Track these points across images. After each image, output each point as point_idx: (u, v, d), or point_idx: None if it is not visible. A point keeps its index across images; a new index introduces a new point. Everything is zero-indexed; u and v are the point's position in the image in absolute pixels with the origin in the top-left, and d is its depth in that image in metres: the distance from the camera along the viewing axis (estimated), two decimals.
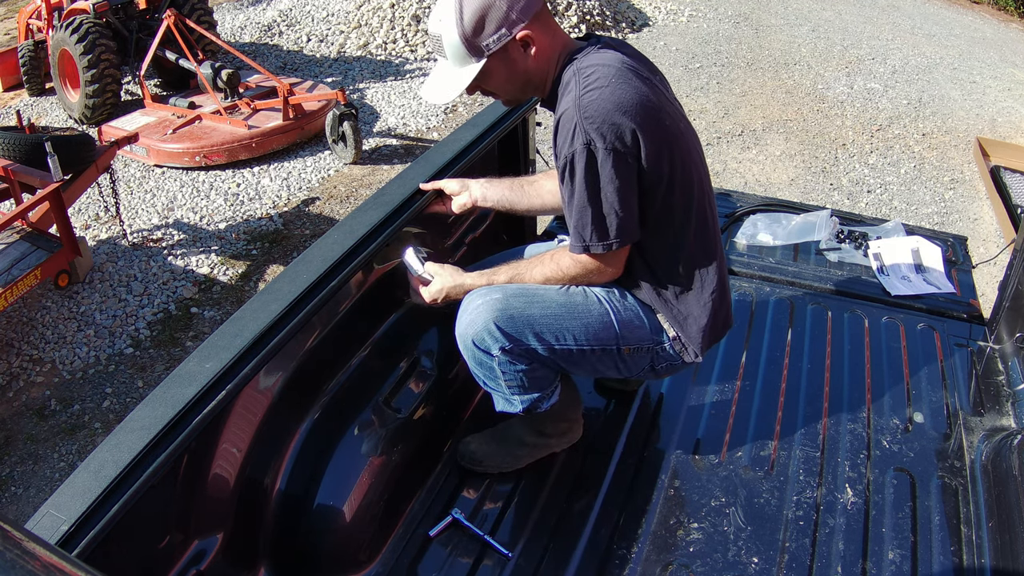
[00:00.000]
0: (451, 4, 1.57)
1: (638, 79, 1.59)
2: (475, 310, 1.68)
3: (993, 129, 6.03)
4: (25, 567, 0.68)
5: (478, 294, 1.71)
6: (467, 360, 1.74)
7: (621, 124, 1.53)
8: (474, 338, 1.68)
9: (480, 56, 1.59)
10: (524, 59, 1.62)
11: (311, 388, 1.82)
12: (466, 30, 1.56)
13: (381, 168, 5.28)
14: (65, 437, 3.22)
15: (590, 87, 1.55)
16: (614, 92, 1.54)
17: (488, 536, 1.78)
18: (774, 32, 7.90)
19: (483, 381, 1.77)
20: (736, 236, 2.87)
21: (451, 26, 1.57)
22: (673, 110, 1.66)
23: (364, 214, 1.94)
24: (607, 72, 1.57)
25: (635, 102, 1.54)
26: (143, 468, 1.30)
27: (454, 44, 1.59)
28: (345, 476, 1.79)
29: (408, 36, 7.07)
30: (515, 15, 1.56)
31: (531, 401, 1.76)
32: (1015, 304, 2.33)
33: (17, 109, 5.60)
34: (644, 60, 1.72)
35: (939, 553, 1.76)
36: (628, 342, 1.74)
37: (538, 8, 1.60)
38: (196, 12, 6.11)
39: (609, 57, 1.60)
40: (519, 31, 1.58)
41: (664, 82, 1.73)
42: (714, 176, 5.16)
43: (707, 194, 1.75)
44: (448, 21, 1.57)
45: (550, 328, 1.68)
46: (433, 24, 1.62)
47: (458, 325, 1.72)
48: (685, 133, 1.68)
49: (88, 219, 4.69)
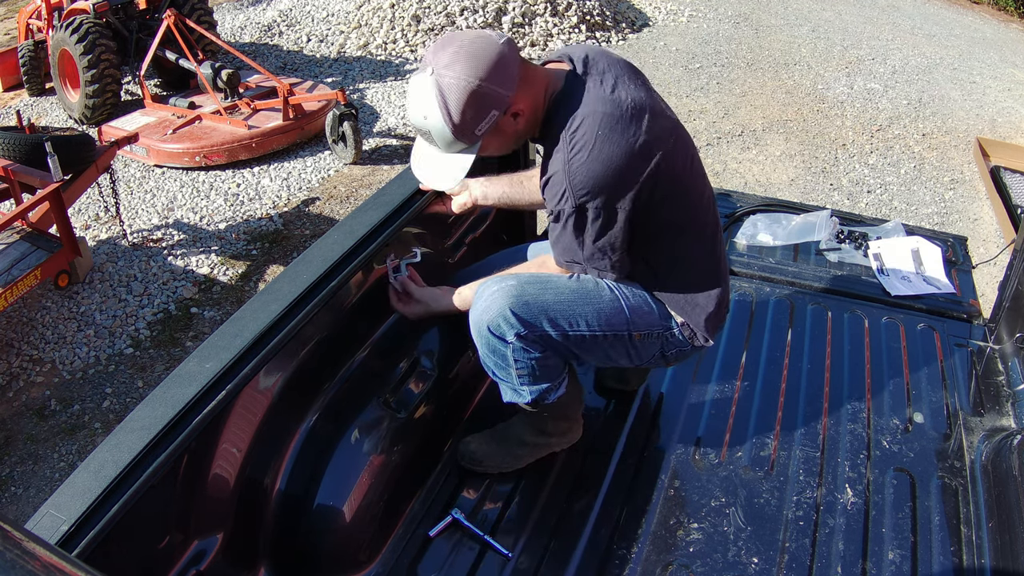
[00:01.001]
0: (432, 99, 1.52)
1: (622, 120, 1.56)
2: (490, 297, 1.69)
3: (993, 129, 6.03)
4: (25, 567, 0.68)
5: (492, 282, 1.72)
6: (479, 348, 1.75)
7: (610, 186, 1.56)
8: (489, 324, 1.68)
9: (474, 140, 1.58)
10: (515, 124, 1.60)
11: (311, 388, 1.82)
12: (456, 122, 1.53)
13: (381, 168, 5.28)
14: (65, 437, 3.22)
15: (576, 148, 1.55)
16: (601, 152, 1.54)
17: (488, 536, 1.78)
18: (774, 32, 7.90)
19: (492, 370, 1.77)
20: (736, 236, 2.87)
21: (438, 121, 1.53)
22: (659, 126, 1.61)
23: (364, 214, 1.94)
24: (592, 125, 1.55)
25: (622, 157, 1.55)
26: (143, 468, 1.30)
27: (445, 137, 1.56)
28: (345, 476, 1.79)
29: (408, 36, 7.07)
30: (502, 93, 1.53)
31: (540, 392, 1.76)
32: (1015, 304, 2.33)
33: (17, 109, 5.60)
34: (622, 69, 1.67)
35: (939, 553, 1.76)
36: (638, 328, 1.76)
37: (518, 72, 1.55)
38: (196, 12, 6.11)
39: (592, 97, 1.57)
40: (509, 106, 1.56)
41: (647, 88, 1.68)
42: (714, 176, 5.17)
43: (703, 196, 1.75)
44: (434, 117, 1.53)
45: (563, 314, 1.69)
46: (416, 118, 1.57)
47: (472, 312, 1.73)
48: (675, 149, 1.64)
49: (88, 219, 4.69)
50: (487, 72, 1.50)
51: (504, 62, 1.52)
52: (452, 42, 1.54)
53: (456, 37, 1.55)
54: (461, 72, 1.50)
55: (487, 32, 1.56)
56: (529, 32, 7.21)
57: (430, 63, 1.53)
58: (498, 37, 1.55)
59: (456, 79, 1.50)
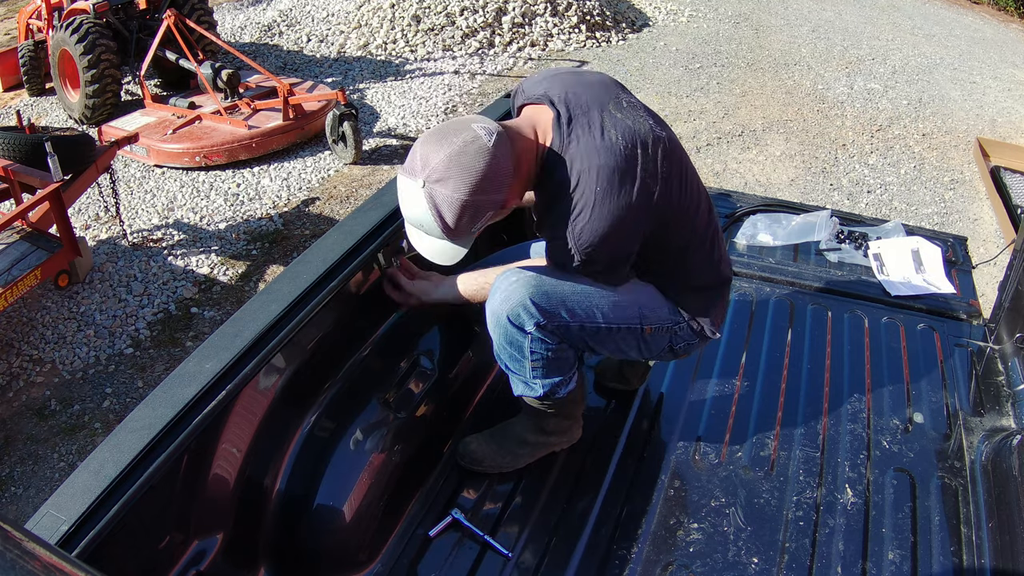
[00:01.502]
0: (426, 208, 1.51)
1: (618, 170, 1.55)
2: (510, 287, 1.69)
3: (993, 129, 6.03)
4: (25, 567, 0.68)
5: (511, 272, 1.73)
6: (495, 338, 1.75)
7: (615, 238, 1.59)
8: (509, 314, 1.68)
9: (470, 236, 1.60)
10: (510, 207, 1.62)
11: (311, 388, 1.82)
12: (451, 228, 1.54)
13: (381, 168, 5.28)
14: (65, 437, 3.22)
15: (578, 209, 1.55)
16: (603, 209, 1.54)
17: (488, 536, 1.78)
18: (774, 32, 7.90)
19: (506, 363, 1.78)
20: (736, 236, 2.87)
21: (433, 226, 1.54)
22: (653, 155, 1.59)
23: (364, 214, 1.94)
24: (590, 183, 1.54)
25: (624, 209, 1.55)
26: (143, 468, 1.30)
27: (440, 235, 1.57)
28: (345, 476, 1.79)
29: (408, 36, 7.07)
30: (496, 199, 1.54)
31: (552, 385, 1.77)
32: (1015, 304, 2.33)
33: (17, 109, 5.59)
34: (602, 92, 1.65)
35: (939, 553, 1.76)
36: (649, 321, 1.78)
37: (511, 167, 1.54)
38: (196, 12, 6.11)
39: (585, 150, 1.56)
40: (504, 204, 1.58)
41: (630, 102, 1.67)
42: (714, 176, 5.17)
43: (700, 208, 1.75)
44: (429, 223, 1.54)
45: (580, 304, 1.70)
46: (409, 216, 1.57)
47: (490, 302, 1.73)
48: (671, 172, 1.63)
49: (88, 219, 4.69)
50: (479, 186, 1.49)
51: (496, 169, 1.51)
52: (441, 145, 1.50)
53: (446, 140, 1.50)
54: (453, 189, 1.49)
55: (476, 133, 1.51)
56: (529, 32, 7.21)
57: (420, 171, 1.50)
58: (488, 137, 1.50)
59: (448, 196, 1.49)
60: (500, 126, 1.56)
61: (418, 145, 1.54)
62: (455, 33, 7.05)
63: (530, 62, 6.93)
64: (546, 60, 6.97)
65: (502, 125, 1.59)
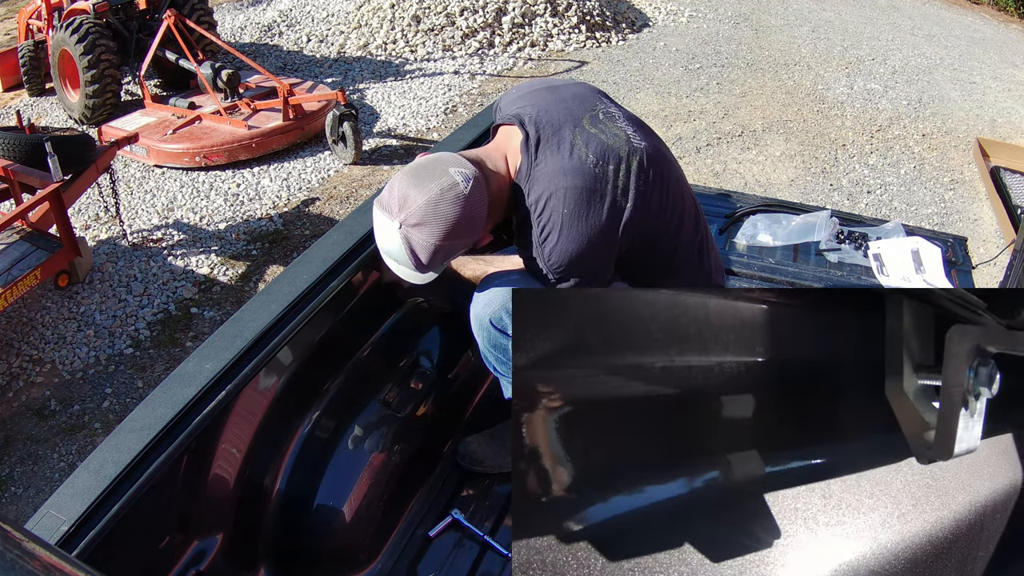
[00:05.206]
0: (401, 247, 1.53)
1: (585, 190, 1.54)
2: (492, 291, 1.69)
3: (993, 129, 6.04)
4: (25, 567, 0.68)
5: (493, 276, 1.73)
6: (480, 342, 1.75)
7: (586, 257, 1.58)
8: (491, 317, 1.68)
9: (443, 267, 1.64)
10: (484, 243, 1.66)
11: (311, 388, 1.82)
12: (424, 265, 1.56)
13: (381, 168, 5.29)
14: (65, 437, 3.22)
15: (545, 233, 1.56)
16: (570, 231, 1.54)
17: (488, 536, 1.78)
18: (774, 33, 7.90)
19: (494, 366, 1.77)
20: (736, 236, 2.87)
21: (407, 263, 1.56)
22: (626, 171, 1.58)
23: (364, 214, 1.94)
24: (556, 205, 1.54)
25: (592, 229, 1.55)
26: (143, 468, 1.30)
27: (414, 269, 1.59)
28: (345, 476, 1.79)
29: (408, 36, 7.07)
30: (470, 240, 1.57)
31: None
32: None
33: (17, 109, 5.59)
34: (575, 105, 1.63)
35: None
36: None
37: (485, 210, 1.55)
38: (196, 12, 6.11)
39: (550, 170, 1.55)
40: (478, 241, 1.61)
41: (606, 113, 1.64)
42: (714, 176, 5.17)
43: (684, 219, 1.72)
44: (403, 260, 1.56)
45: None
46: (383, 249, 1.60)
47: (474, 306, 1.73)
48: (649, 186, 1.61)
49: (88, 219, 4.69)
50: (454, 232, 1.51)
51: (471, 216, 1.52)
52: (420, 189, 1.49)
53: (424, 185, 1.50)
54: (428, 235, 1.50)
55: (454, 179, 1.50)
56: (529, 32, 7.22)
57: (396, 212, 1.51)
58: (464, 184, 1.50)
59: (423, 240, 1.51)
60: (475, 167, 1.55)
61: (396, 182, 1.53)
62: (455, 33, 7.06)
63: (530, 62, 6.93)
64: (546, 60, 6.97)
65: (477, 161, 1.58)
